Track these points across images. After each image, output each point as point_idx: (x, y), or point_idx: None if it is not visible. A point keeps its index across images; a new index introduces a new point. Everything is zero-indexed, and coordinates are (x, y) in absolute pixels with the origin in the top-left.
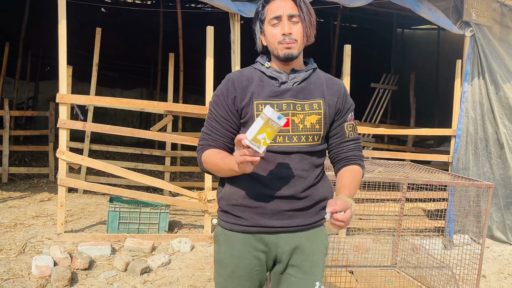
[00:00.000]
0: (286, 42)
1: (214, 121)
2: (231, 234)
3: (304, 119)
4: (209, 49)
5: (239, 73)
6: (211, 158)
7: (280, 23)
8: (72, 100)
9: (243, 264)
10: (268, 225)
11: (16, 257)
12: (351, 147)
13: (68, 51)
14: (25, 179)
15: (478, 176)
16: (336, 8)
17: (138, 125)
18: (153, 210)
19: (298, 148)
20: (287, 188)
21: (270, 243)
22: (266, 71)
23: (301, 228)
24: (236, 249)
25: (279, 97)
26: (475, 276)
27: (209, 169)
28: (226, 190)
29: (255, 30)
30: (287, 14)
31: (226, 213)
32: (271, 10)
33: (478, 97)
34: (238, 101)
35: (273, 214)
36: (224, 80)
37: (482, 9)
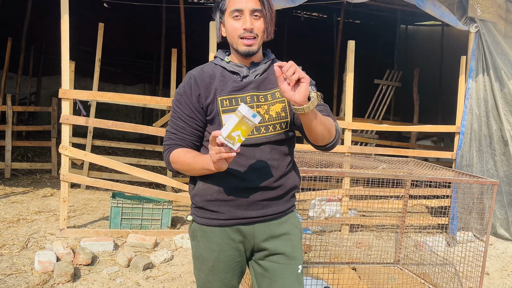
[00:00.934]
0: (246, 36)
1: (179, 120)
2: (208, 229)
3: (269, 109)
4: (212, 45)
5: (201, 70)
6: (180, 158)
7: (242, 16)
8: (74, 96)
9: (223, 256)
10: (244, 216)
11: (19, 252)
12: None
13: (71, 46)
14: (27, 174)
15: (482, 173)
16: (340, 4)
17: (140, 120)
18: (156, 206)
19: (267, 139)
20: (260, 179)
21: (247, 233)
22: (227, 66)
23: (275, 216)
24: (215, 243)
25: (242, 91)
26: (478, 273)
27: (179, 169)
28: (200, 186)
29: (215, 20)
30: (249, 8)
31: (202, 209)
32: (233, 2)
33: (483, 94)
34: (203, 99)
35: (249, 205)
36: (186, 78)
37: (487, 5)
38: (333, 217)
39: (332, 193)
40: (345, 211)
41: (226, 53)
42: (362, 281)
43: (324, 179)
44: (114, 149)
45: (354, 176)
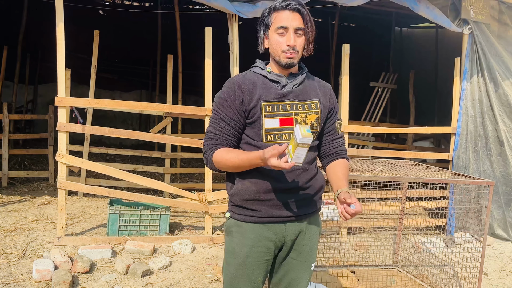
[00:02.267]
0: (289, 52)
1: (222, 122)
2: (244, 225)
3: (305, 118)
4: (208, 50)
5: (243, 77)
6: (224, 157)
7: (286, 33)
8: (71, 103)
9: (254, 252)
10: (279, 215)
11: (17, 261)
12: (340, 142)
13: (67, 53)
14: (25, 182)
15: (479, 173)
16: (334, 8)
17: (137, 127)
18: (154, 212)
19: None
20: (294, 180)
21: (279, 231)
22: (268, 75)
23: (306, 216)
24: (248, 239)
25: (283, 99)
26: (477, 274)
27: (222, 167)
28: (238, 186)
29: (259, 33)
30: (294, 26)
31: (240, 207)
32: (279, 19)
33: (478, 95)
34: (246, 103)
35: (283, 205)
36: (229, 84)
37: (480, 7)
38: (331, 220)
39: (329, 196)
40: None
41: (264, 62)
42: (361, 284)
43: None
44: (111, 156)
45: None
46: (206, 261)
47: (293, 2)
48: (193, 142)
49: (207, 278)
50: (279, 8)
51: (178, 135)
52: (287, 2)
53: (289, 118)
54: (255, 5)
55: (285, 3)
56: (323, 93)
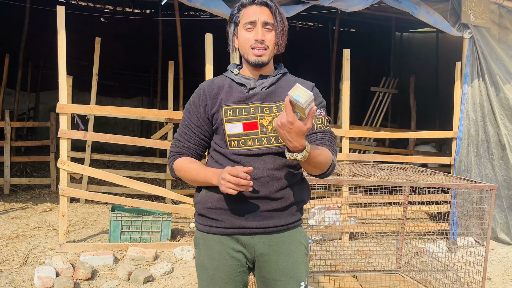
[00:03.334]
0: (258, 48)
1: (187, 128)
2: (209, 236)
3: (272, 121)
4: (208, 56)
5: (211, 81)
6: (183, 167)
7: (254, 28)
8: (72, 110)
9: (223, 266)
10: (243, 226)
11: (19, 268)
12: (319, 136)
13: (68, 61)
14: (26, 189)
15: (481, 178)
16: (334, 13)
17: (139, 133)
18: (155, 219)
19: (268, 150)
20: (261, 188)
21: (247, 244)
22: (235, 78)
23: (277, 229)
24: (215, 251)
25: (246, 102)
26: (480, 278)
27: (182, 177)
28: (202, 194)
29: (229, 32)
30: (262, 20)
31: (203, 216)
32: (246, 14)
33: (479, 99)
34: (209, 109)
35: (249, 215)
36: (197, 89)
37: (480, 11)
38: (333, 225)
39: (331, 202)
40: (345, 219)
41: (238, 66)
42: None
43: (323, 187)
44: (113, 162)
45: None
46: None
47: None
48: None
49: None
50: (246, 3)
51: None
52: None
53: (253, 122)
54: (233, 7)
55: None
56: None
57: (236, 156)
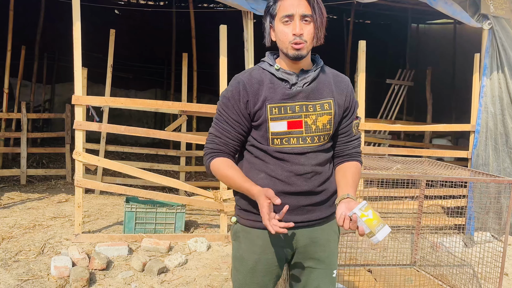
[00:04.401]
0: (296, 42)
1: (225, 124)
2: (252, 231)
3: (316, 120)
4: (223, 48)
5: (249, 75)
6: (221, 172)
7: (292, 22)
8: (87, 102)
9: (264, 259)
10: (288, 221)
11: (35, 258)
12: (355, 144)
13: (83, 53)
14: (43, 180)
15: (499, 172)
16: (349, 4)
17: (153, 125)
18: (169, 210)
19: (311, 149)
20: (305, 183)
21: (290, 238)
22: (276, 73)
23: (319, 222)
24: (257, 245)
25: (291, 99)
26: (497, 274)
27: (218, 178)
28: None
29: (265, 25)
30: (300, 13)
31: (246, 211)
32: (283, 7)
33: (498, 91)
34: (251, 105)
35: (293, 210)
36: (234, 82)
37: (500, 1)
38: None
39: None
40: None
41: (274, 56)
42: (378, 283)
43: None
44: (127, 154)
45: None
46: (221, 259)
47: None
48: None
49: (222, 276)
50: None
51: (193, 133)
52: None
53: (298, 120)
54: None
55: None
56: (339, 90)
57: (279, 153)
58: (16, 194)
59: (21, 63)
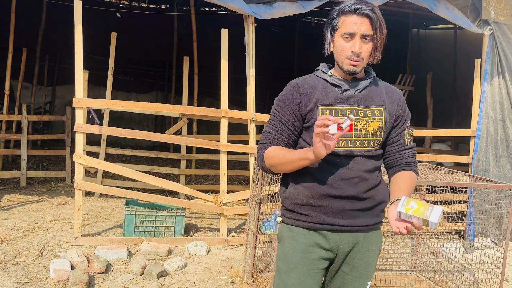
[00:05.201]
0: (353, 59)
1: (279, 123)
2: (296, 229)
3: (366, 125)
4: (224, 52)
5: (303, 80)
6: (277, 152)
7: (352, 40)
8: (88, 104)
9: (306, 259)
10: (332, 223)
11: (34, 260)
12: (408, 154)
13: (84, 55)
14: (42, 183)
15: (499, 177)
16: None
17: (153, 128)
18: (169, 214)
19: (360, 152)
20: (350, 188)
21: (333, 241)
22: (329, 79)
23: (363, 228)
24: (300, 243)
25: (343, 103)
26: (498, 280)
27: (272, 164)
28: (291, 190)
29: (326, 35)
30: (361, 33)
31: (291, 211)
32: (346, 23)
33: (498, 97)
34: (303, 106)
35: (337, 213)
36: (289, 86)
37: (501, 7)
38: None
39: None
40: None
41: (329, 66)
42: None
43: None
44: (127, 157)
45: None
46: (221, 263)
47: (363, 6)
48: (208, 143)
49: (222, 280)
50: (347, 11)
51: (193, 136)
52: (356, 6)
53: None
54: (272, 6)
55: (355, 7)
56: (391, 99)
57: (328, 155)
58: (16, 196)
59: (22, 65)
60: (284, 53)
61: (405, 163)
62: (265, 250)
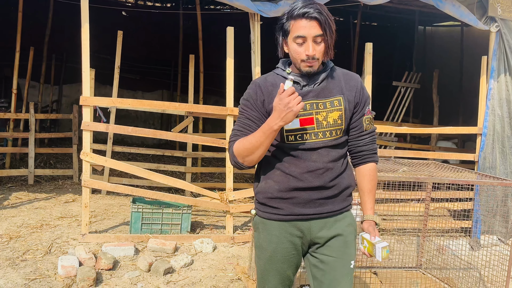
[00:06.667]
0: (308, 62)
1: (246, 119)
2: (269, 222)
3: (327, 116)
4: (229, 50)
5: (264, 79)
6: (242, 142)
7: (305, 43)
8: (95, 103)
9: (280, 248)
10: (302, 213)
11: (43, 257)
12: (367, 140)
13: (91, 54)
14: (50, 180)
15: (506, 175)
16: (356, 7)
17: (159, 126)
18: (175, 211)
19: (324, 143)
20: (316, 179)
21: (304, 228)
22: (287, 77)
23: (331, 214)
24: (274, 235)
25: (302, 99)
26: (504, 278)
27: (243, 155)
28: (262, 185)
29: (278, 38)
30: (312, 35)
31: (264, 205)
32: (296, 27)
33: (505, 94)
34: (266, 104)
35: (306, 203)
36: (251, 85)
37: (508, 4)
38: None
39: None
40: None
41: (287, 62)
42: (384, 286)
43: None
44: (134, 155)
45: None
46: (227, 260)
47: (310, 9)
48: (214, 141)
49: (228, 277)
50: (296, 16)
51: (199, 134)
52: (304, 10)
53: (310, 117)
54: (277, 4)
55: (302, 11)
56: (349, 87)
57: (294, 150)
58: (24, 194)
59: (29, 64)
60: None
61: (366, 153)
62: None
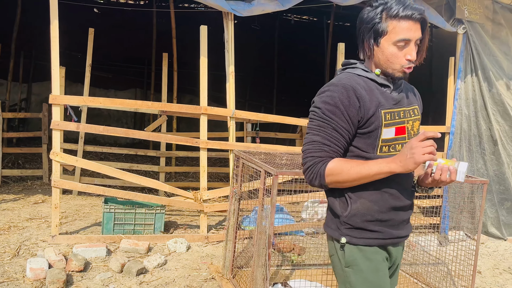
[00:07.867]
0: (408, 67)
1: (334, 131)
2: (367, 249)
3: (413, 126)
4: (203, 49)
5: (352, 81)
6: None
7: (407, 46)
8: (65, 101)
9: (384, 276)
10: (398, 236)
11: (11, 260)
12: None
13: (61, 52)
14: (18, 181)
15: (472, 172)
16: (330, 7)
17: (132, 125)
18: (149, 211)
19: None
20: (410, 197)
21: (393, 252)
22: (377, 79)
23: (408, 235)
24: (378, 262)
25: (397, 105)
26: (470, 272)
27: (338, 180)
28: (357, 206)
29: (363, 38)
30: (416, 38)
31: (361, 230)
32: (400, 29)
33: (472, 94)
34: (363, 111)
35: (399, 225)
36: (340, 89)
37: (474, 7)
38: None
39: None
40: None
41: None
42: None
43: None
44: (106, 154)
45: None
46: (201, 259)
47: (415, 11)
48: (188, 140)
49: (202, 277)
50: (400, 15)
51: (173, 133)
52: (408, 11)
53: (403, 126)
54: (251, 4)
55: (410, 12)
56: (417, 96)
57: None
58: None
59: None
60: (265, 50)
61: None
62: (245, 246)
